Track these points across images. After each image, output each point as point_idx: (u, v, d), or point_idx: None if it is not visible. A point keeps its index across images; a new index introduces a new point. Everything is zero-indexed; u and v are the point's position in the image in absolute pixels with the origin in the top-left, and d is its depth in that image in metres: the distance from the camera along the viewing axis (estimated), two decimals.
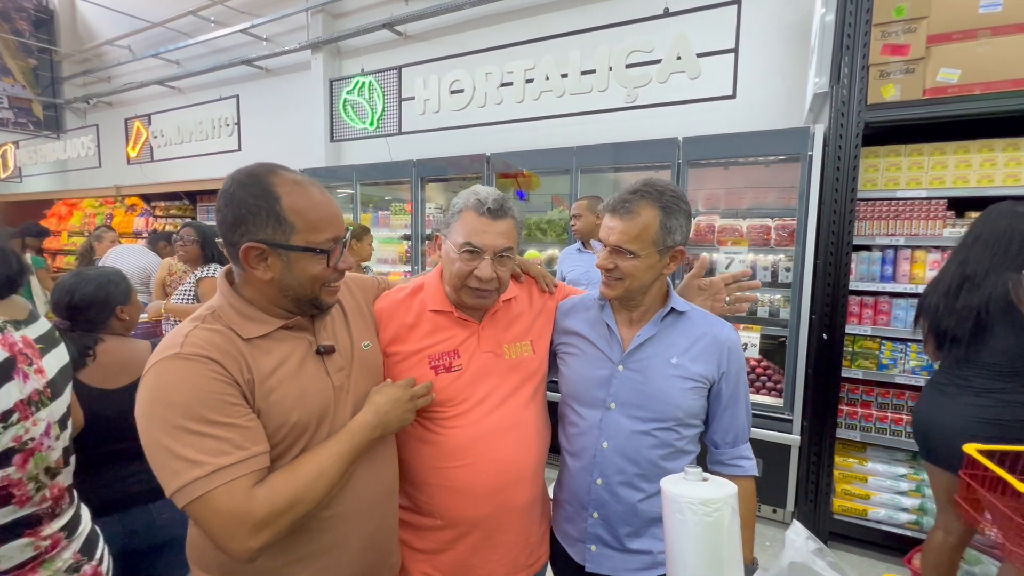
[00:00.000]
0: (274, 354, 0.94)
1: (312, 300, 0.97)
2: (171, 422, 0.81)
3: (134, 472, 1.58)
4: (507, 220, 1.15)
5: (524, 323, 1.29)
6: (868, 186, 2.61)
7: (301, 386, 0.95)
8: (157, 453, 0.82)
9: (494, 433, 1.17)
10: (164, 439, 0.81)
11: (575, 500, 1.23)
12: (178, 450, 0.80)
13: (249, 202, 0.88)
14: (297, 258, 0.91)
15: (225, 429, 0.83)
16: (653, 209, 1.13)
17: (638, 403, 1.17)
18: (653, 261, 1.14)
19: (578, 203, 2.95)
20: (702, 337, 1.19)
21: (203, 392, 0.83)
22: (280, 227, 0.89)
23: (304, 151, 5.26)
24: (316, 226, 0.91)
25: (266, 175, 0.90)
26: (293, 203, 0.89)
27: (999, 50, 2.22)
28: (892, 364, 2.62)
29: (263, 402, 0.90)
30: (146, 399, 0.84)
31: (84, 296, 1.60)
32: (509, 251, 1.15)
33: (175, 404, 0.82)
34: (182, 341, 0.87)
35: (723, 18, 2.87)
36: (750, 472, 1.20)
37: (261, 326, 0.94)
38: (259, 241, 0.88)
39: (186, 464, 0.80)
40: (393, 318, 1.22)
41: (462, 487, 1.14)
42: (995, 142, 2.40)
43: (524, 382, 1.25)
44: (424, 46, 4.52)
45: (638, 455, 1.16)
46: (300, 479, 0.88)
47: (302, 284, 0.93)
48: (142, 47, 6.78)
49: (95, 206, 8.06)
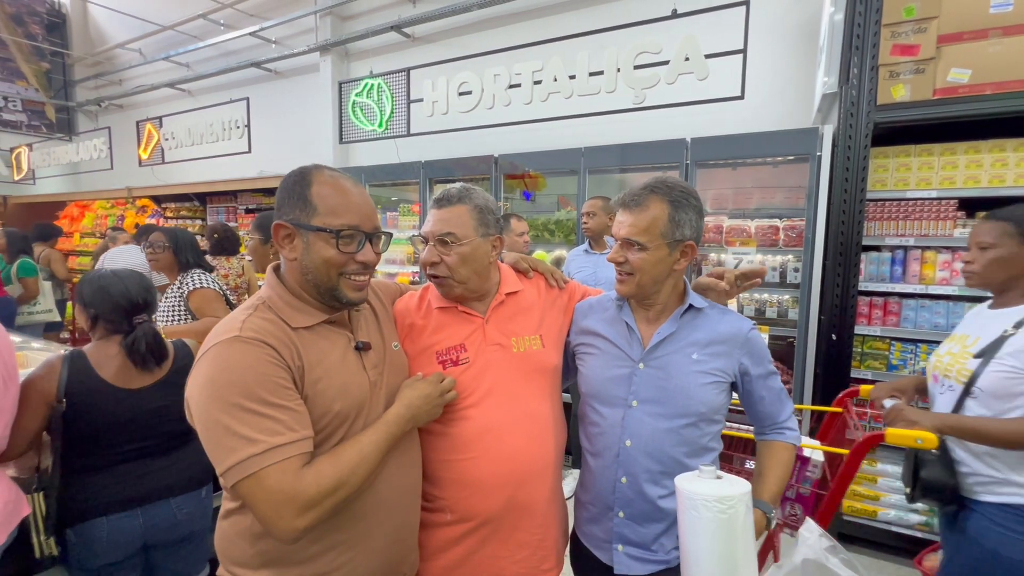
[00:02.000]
0: (319, 346, 0.99)
1: (331, 289, 1.00)
2: (230, 400, 0.85)
3: (157, 468, 1.62)
4: (452, 207, 1.20)
5: (532, 317, 1.31)
6: (878, 186, 2.60)
7: (343, 378, 1.00)
8: (213, 430, 0.85)
9: (504, 425, 1.18)
10: (223, 417, 0.84)
11: (599, 501, 1.24)
12: (235, 427, 0.84)
13: (288, 186, 0.99)
14: (314, 239, 0.97)
15: (279, 411, 0.87)
16: (662, 203, 1.15)
17: (660, 400, 1.18)
18: (663, 254, 1.16)
19: (591, 201, 2.96)
20: (721, 333, 1.21)
21: (261, 374, 0.87)
22: (305, 209, 0.96)
23: (313, 153, 5.31)
24: (335, 210, 0.97)
25: (311, 169, 1.00)
26: (320, 189, 0.97)
27: (1010, 50, 2.21)
28: (902, 365, 2.61)
29: (311, 389, 0.95)
30: (205, 379, 0.88)
31: (151, 290, 1.67)
32: (449, 236, 1.18)
33: (234, 384, 0.86)
34: (240, 326, 0.91)
35: (732, 19, 2.87)
36: (792, 440, 1.25)
37: (307, 317, 1.00)
38: (287, 220, 0.97)
39: (242, 441, 0.84)
40: (406, 318, 1.27)
41: (472, 480, 1.16)
42: (1007, 142, 2.39)
43: (535, 375, 1.26)
44: (432, 48, 4.55)
45: (661, 452, 1.17)
46: (344, 463, 0.92)
47: (318, 267, 0.98)
48: (153, 50, 6.86)
49: (107, 207, 8.16)
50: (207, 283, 2.54)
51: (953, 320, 2.51)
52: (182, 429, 1.69)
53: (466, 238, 1.20)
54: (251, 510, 0.88)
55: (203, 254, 2.73)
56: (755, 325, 1.26)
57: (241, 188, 5.81)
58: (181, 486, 1.65)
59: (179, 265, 2.59)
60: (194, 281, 2.53)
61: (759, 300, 3.11)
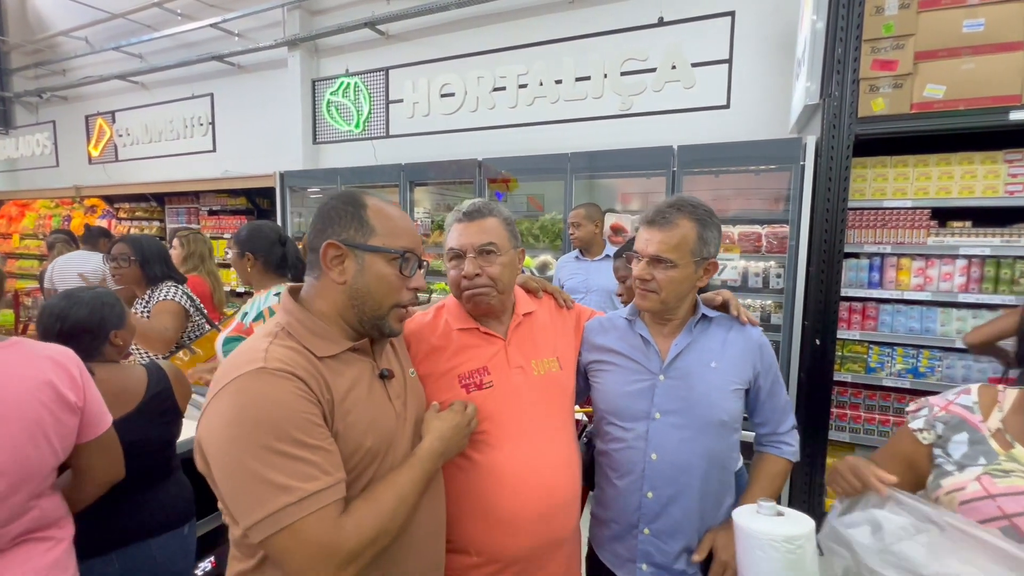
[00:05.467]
0: (346, 376, 0.92)
1: (378, 319, 0.95)
2: (259, 442, 0.76)
3: (134, 506, 1.49)
4: (486, 219, 1.18)
5: (548, 338, 1.29)
6: (856, 196, 2.70)
7: (372, 411, 0.93)
8: (238, 477, 0.76)
9: (534, 454, 1.15)
10: (250, 462, 0.75)
11: (623, 518, 1.23)
12: (266, 473, 0.75)
13: (338, 207, 0.95)
14: (372, 260, 0.93)
15: (313, 452, 0.79)
16: (690, 221, 1.17)
17: (684, 410, 1.19)
18: (689, 272, 1.18)
19: (576, 212, 2.95)
20: (734, 340, 1.24)
21: (291, 410, 0.79)
22: (361, 229, 0.93)
23: (281, 152, 5.09)
24: (394, 232, 0.95)
25: (357, 193, 0.98)
26: (376, 211, 0.95)
27: (982, 68, 2.32)
28: (879, 367, 2.72)
29: (341, 424, 0.87)
30: (227, 417, 0.78)
31: (77, 322, 1.47)
32: (491, 245, 1.16)
33: (263, 422, 0.77)
34: (264, 356, 0.82)
35: (717, 29, 2.91)
36: (788, 456, 1.27)
37: (332, 345, 0.92)
38: (340, 240, 0.92)
39: (275, 489, 0.75)
40: (421, 341, 1.21)
41: (503, 516, 1.11)
42: (975, 155, 2.52)
43: (556, 398, 1.24)
44: (409, 47, 4.42)
45: (688, 464, 1.17)
46: (384, 508, 0.85)
47: (372, 292, 0.93)
48: (102, 39, 6.42)
49: (50, 207, 7.61)
50: (174, 296, 2.38)
51: (927, 324, 2.63)
52: (161, 461, 1.56)
53: (504, 249, 1.18)
54: (281, 567, 0.79)
55: (173, 264, 2.55)
56: (761, 330, 1.29)
57: (205, 189, 5.52)
58: (161, 524, 1.51)
59: (147, 279, 2.39)
60: (162, 294, 2.36)
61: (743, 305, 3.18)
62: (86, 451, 1.25)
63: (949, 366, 2.61)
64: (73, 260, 3.86)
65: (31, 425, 1.14)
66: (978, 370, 2.56)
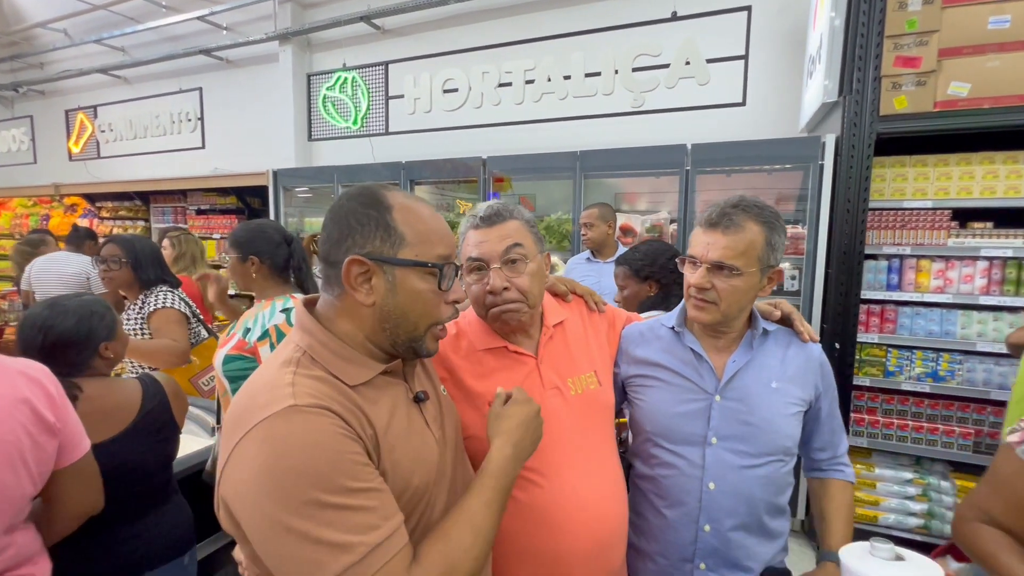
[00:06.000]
0: (382, 404, 0.78)
1: (413, 341, 0.81)
2: (303, 497, 0.63)
3: (129, 536, 1.35)
4: (507, 223, 1.05)
5: (583, 350, 1.17)
6: (876, 196, 2.63)
7: (414, 442, 0.80)
8: (285, 542, 0.63)
9: (583, 486, 1.04)
10: (296, 521, 0.63)
11: (674, 552, 1.12)
12: (317, 533, 0.63)
13: (359, 211, 0.78)
14: (404, 276, 0.78)
15: (367, 496, 0.67)
16: (757, 224, 1.06)
17: (743, 436, 1.09)
18: (755, 281, 1.08)
19: (588, 212, 2.85)
20: (794, 357, 1.14)
21: (335, 453, 0.66)
22: (389, 238, 0.77)
23: (273, 149, 4.92)
24: (428, 238, 0.79)
25: (378, 188, 0.81)
26: (405, 214, 0.79)
27: (1007, 65, 2.27)
28: (898, 371, 2.67)
29: (387, 461, 0.74)
30: (259, 471, 0.65)
31: (63, 333, 1.33)
32: (516, 248, 1.03)
33: (305, 473, 0.64)
34: (291, 391, 0.69)
35: (732, 24, 2.83)
36: (850, 479, 1.19)
37: (365, 371, 0.77)
38: (365, 255, 0.76)
39: (331, 550, 0.63)
40: (444, 359, 1.09)
41: (553, 557, 1.00)
42: (996, 155, 2.47)
43: (597, 419, 1.13)
44: (408, 41, 4.29)
45: (750, 495, 1.07)
46: (456, 546, 0.72)
47: (408, 312, 0.79)
48: (82, 32, 6.17)
49: (27, 206, 7.31)
50: (172, 302, 2.23)
51: (947, 327, 2.58)
52: (158, 485, 1.43)
53: (531, 254, 1.05)
54: None
55: (167, 267, 2.40)
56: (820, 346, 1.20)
57: (194, 187, 5.32)
58: (159, 555, 1.38)
59: (140, 283, 2.23)
60: (158, 300, 2.21)
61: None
62: (62, 478, 1.13)
63: (970, 369, 2.56)
64: (54, 261, 3.67)
65: (8, 448, 1.00)
66: (999, 374, 2.52)
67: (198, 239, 3.57)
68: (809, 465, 1.23)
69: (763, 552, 1.10)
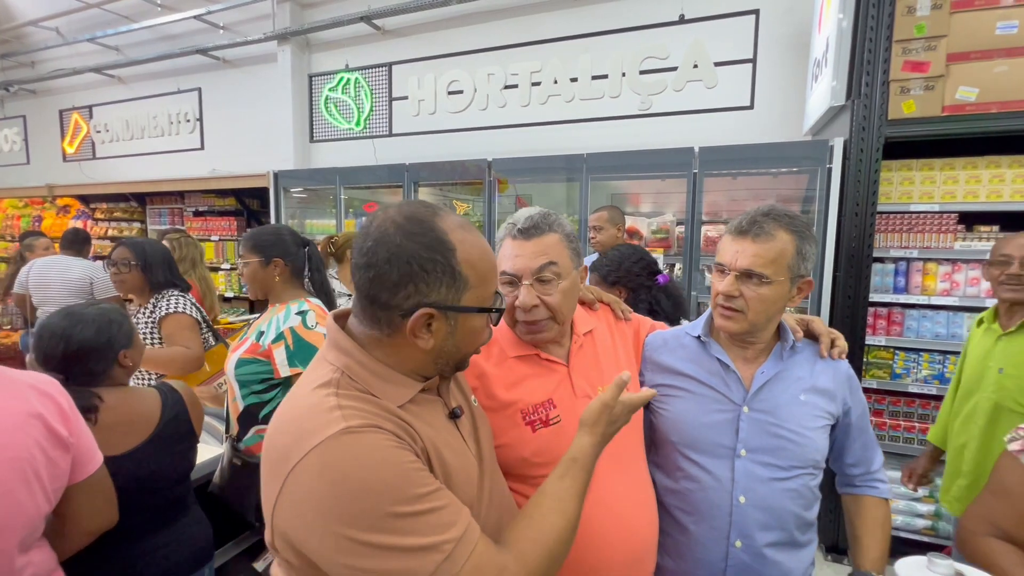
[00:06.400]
0: (427, 422, 0.77)
1: (458, 367, 0.81)
2: (378, 512, 0.63)
3: (149, 550, 1.33)
4: (544, 236, 1.03)
5: (612, 359, 1.16)
6: (883, 199, 2.65)
7: (456, 460, 0.78)
8: (369, 561, 0.63)
9: (615, 496, 1.03)
10: (376, 537, 0.63)
11: (703, 569, 1.10)
12: (401, 543, 0.63)
13: (423, 256, 0.71)
14: (466, 319, 0.76)
15: (436, 497, 0.67)
16: (788, 233, 1.06)
17: (772, 448, 1.08)
18: (784, 291, 1.07)
19: (597, 215, 2.84)
20: (822, 370, 1.13)
21: (397, 465, 0.66)
22: (454, 284, 0.73)
23: (272, 151, 4.87)
24: (487, 278, 0.77)
25: (433, 219, 0.74)
26: (468, 254, 0.74)
27: (1015, 70, 2.29)
28: (905, 374, 2.69)
29: (440, 475, 0.74)
30: (324, 496, 0.64)
31: (83, 342, 1.31)
32: (550, 267, 1.01)
33: (374, 490, 0.63)
34: (340, 414, 0.67)
35: (740, 27, 2.84)
36: (885, 495, 1.17)
37: (405, 391, 0.76)
38: (431, 304, 0.72)
39: (419, 554, 0.63)
40: (475, 367, 1.07)
41: (588, 566, 0.98)
42: (1002, 159, 2.49)
43: (628, 429, 1.12)
44: (409, 42, 4.26)
45: (782, 509, 1.06)
46: (548, 529, 0.73)
47: (460, 350, 0.78)
48: (75, 30, 6.08)
49: (19, 207, 7.20)
50: (184, 308, 2.21)
51: (953, 330, 2.61)
52: (178, 496, 1.41)
53: (566, 272, 1.04)
54: None
55: (177, 270, 2.37)
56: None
57: (192, 188, 5.26)
58: (180, 568, 1.37)
59: (150, 286, 2.21)
60: (169, 305, 2.18)
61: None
62: (76, 493, 1.11)
63: None
64: (55, 265, 3.61)
65: (21, 465, 0.97)
66: None
67: (197, 241, 3.54)
68: (842, 481, 1.22)
69: (795, 568, 1.09)
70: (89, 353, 1.32)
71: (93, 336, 1.34)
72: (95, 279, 3.56)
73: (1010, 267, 1.81)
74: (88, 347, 1.32)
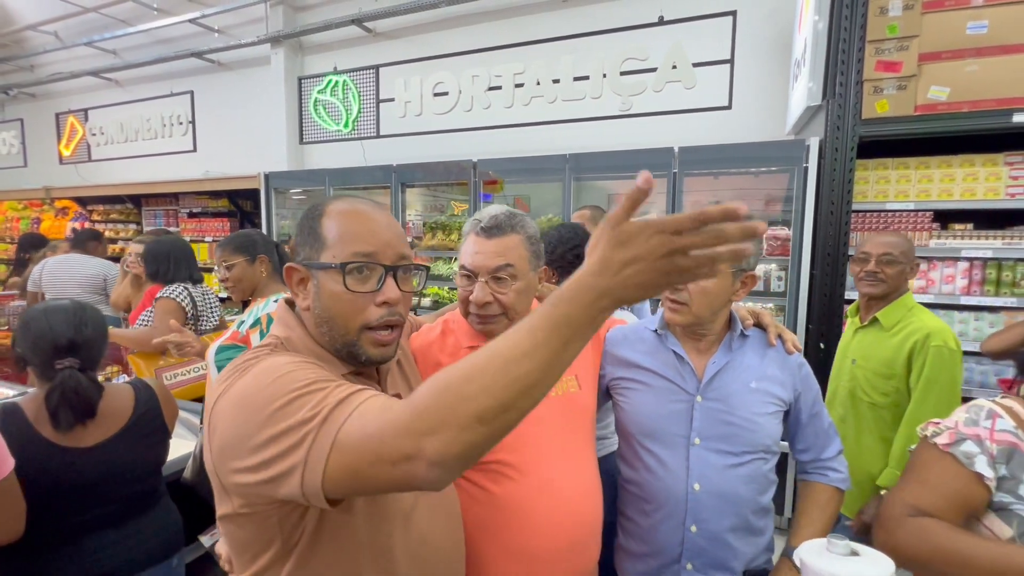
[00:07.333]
0: None
1: (349, 345, 0.80)
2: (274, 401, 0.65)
3: (118, 539, 1.36)
4: (506, 237, 1.07)
5: None
6: (859, 198, 2.68)
7: None
8: (254, 446, 0.64)
9: (558, 482, 1.06)
10: (265, 430, 0.64)
11: (662, 553, 1.14)
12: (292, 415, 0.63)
13: (303, 221, 0.85)
14: (323, 279, 0.80)
15: (326, 382, 0.67)
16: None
17: (725, 435, 1.11)
18: (726, 284, 1.10)
19: (579, 213, 2.86)
20: (772, 358, 1.17)
21: (288, 364, 0.71)
22: (315, 244, 0.81)
23: (265, 153, 4.92)
24: (343, 239, 0.79)
25: (329, 200, 0.85)
26: (333, 219, 0.81)
27: (985, 70, 2.31)
28: None
29: None
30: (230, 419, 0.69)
31: (95, 329, 1.36)
32: (506, 269, 1.05)
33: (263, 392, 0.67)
34: (269, 350, 0.78)
35: (718, 28, 2.87)
36: (837, 483, 1.18)
37: (332, 368, 0.78)
38: (299, 262, 0.82)
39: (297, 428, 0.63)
40: (430, 356, 1.12)
41: (527, 552, 1.02)
42: (975, 157, 2.51)
43: (577, 422, 1.16)
44: (400, 44, 4.31)
45: (734, 494, 1.10)
46: (458, 367, 0.60)
47: (332, 316, 0.79)
48: (73, 34, 6.15)
49: (17, 209, 7.27)
50: (176, 294, 2.38)
51: None
52: (148, 488, 1.44)
53: (522, 273, 1.07)
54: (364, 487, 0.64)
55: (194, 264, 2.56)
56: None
57: (185, 190, 5.32)
58: (148, 558, 1.40)
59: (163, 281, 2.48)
60: (166, 291, 2.41)
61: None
62: None
63: None
64: (69, 263, 3.67)
65: None
66: (980, 372, 2.56)
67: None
68: (799, 469, 1.25)
69: (749, 551, 1.12)
70: (101, 338, 1.38)
71: (101, 322, 1.40)
72: (108, 276, 3.64)
73: (868, 264, 1.93)
74: (99, 333, 1.38)
